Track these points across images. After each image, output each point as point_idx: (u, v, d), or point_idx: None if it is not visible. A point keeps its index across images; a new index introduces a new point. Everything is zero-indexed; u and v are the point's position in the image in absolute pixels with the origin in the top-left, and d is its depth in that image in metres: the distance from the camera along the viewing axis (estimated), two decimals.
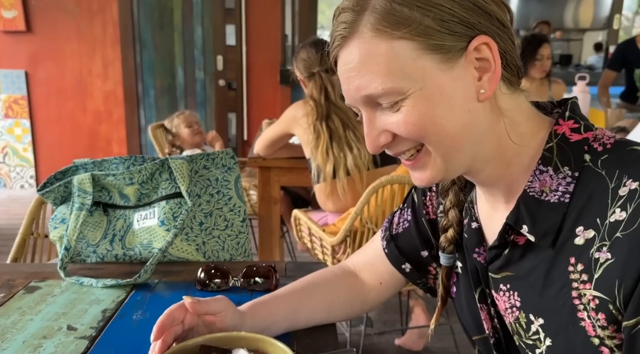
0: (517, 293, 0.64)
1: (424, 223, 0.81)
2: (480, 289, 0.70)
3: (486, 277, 0.68)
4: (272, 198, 2.33)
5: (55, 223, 1.13)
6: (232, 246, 1.15)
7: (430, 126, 0.58)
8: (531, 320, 0.62)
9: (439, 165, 0.61)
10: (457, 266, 0.75)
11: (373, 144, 0.63)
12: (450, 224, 0.73)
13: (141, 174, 1.09)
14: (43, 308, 0.90)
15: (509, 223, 0.62)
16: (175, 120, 2.96)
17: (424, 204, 0.82)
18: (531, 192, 0.61)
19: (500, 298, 0.66)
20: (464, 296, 0.75)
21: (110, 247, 1.10)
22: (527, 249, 0.62)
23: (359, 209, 1.72)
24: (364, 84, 0.59)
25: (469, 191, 0.74)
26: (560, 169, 0.59)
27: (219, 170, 1.15)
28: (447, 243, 0.73)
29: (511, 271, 0.64)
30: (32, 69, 4.48)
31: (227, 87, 4.95)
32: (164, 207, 1.09)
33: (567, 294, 0.57)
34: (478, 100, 0.59)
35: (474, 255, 0.70)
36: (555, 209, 0.58)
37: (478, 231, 0.70)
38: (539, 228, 0.59)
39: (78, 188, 1.10)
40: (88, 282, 0.99)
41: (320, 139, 1.97)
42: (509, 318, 0.66)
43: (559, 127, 0.61)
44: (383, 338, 2.30)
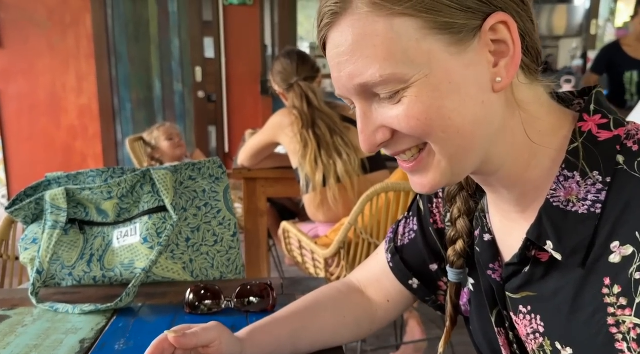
0: (539, 317, 0.56)
1: (432, 233, 0.73)
2: (497, 311, 0.62)
3: (503, 297, 0.60)
4: (258, 210, 2.24)
5: (26, 244, 1.02)
6: (223, 263, 1.06)
7: (438, 120, 0.50)
8: (557, 349, 0.54)
9: (444, 168, 0.53)
10: (469, 283, 0.67)
11: (368, 142, 0.54)
12: (459, 235, 0.65)
13: (120, 187, 1.00)
14: (12, 340, 0.80)
15: (530, 239, 0.54)
16: (155, 132, 2.86)
17: (430, 212, 0.74)
18: (555, 202, 0.52)
19: (520, 321, 0.58)
20: (477, 317, 0.66)
21: (88, 268, 1.00)
22: (552, 267, 0.54)
23: (352, 219, 1.64)
24: (358, 71, 0.50)
25: (480, 198, 0.65)
26: (588, 174, 0.51)
27: (206, 181, 1.07)
28: (456, 257, 0.65)
29: (532, 291, 0.56)
30: (3, 85, 4.32)
31: (207, 99, 4.85)
32: (147, 223, 1.00)
33: (602, 321, 0.49)
34: (493, 90, 0.51)
35: (488, 272, 0.61)
36: (584, 221, 0.50)
37: (492, 244, 0.62)
38: (566, 244, 0.51)
39: (51, 204, 1.00)
40: (63, 308, 0.89)
41: (308, 148, 1.90)
42: (531, 345, 0.57)
43: (584, 124, 0.53)
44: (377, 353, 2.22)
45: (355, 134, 1.99)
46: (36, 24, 4.24)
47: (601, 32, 7.45)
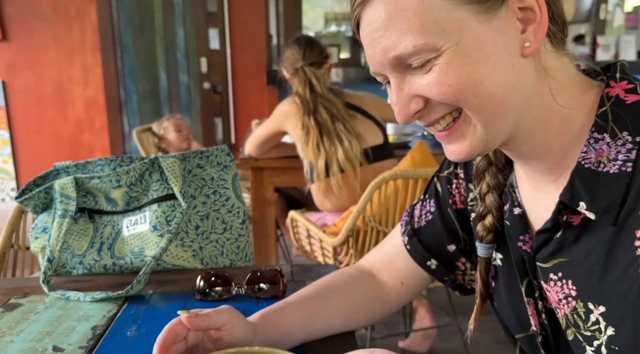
0: (571, 281, 0.57)
1: (450, 214, 0.74)
2: (527, 281, 0.63)
3: (533, 267, 0.61)
4: (266, 200, 2.24)
5: (37, 233, 1.03)
6: (232, 251, 1.06)
7: (469, 85, 0.51)
8: (590, 309, 0.55)
9: (480, 133, 0.54)
10: (496, 258, 0.68)
11: (403, 113, 0.55)
12: (488, 210, 0.66)
13: (129, 176, 0.99)
14: (25, 327, 0.81)
15: (563, 201, 0.55)
16: (164, 122, 2.88)
17: (449, 193, 0.74)
18: (586, 164, 0.54)
19: (551, 289, 0.59)
20: (506, 291, 0.67)
21: (98, 257, 1.00)
22: (584, 230, 0.55)
23: (361, 207, 1.63)
24: (392, 44, 0.52)
25: (509, 173, 0.66)
26: (618, 134, 0.53)
27: (214, 168, 1.06)
28: (486, 232, 0.66)
29: (564, 257, 0.57)
30: (9, 79, 4.33)
31: (212, 90, 4.85)
32: (156, 211, 1.00)
33: (635, 273, 0.50)
34: (522, 55, 0.53)
35: (518, 243, 0.62)
36: (616, 180, 0.52)
37: (522, 217, 0.63)
38: (599, 204, 0.52)
39: (60, 193, 1.00)
40: (75, 296, 0.89)
41: (310, 135, 1.89)
42: (563, 310, 0.58)
43: (611, 90, 0.55)
44: (387, 341, 2.22)
45: (360, 123, 1.99)
46: (41, 17, 4.24)
47: (610, 17, 7.35)
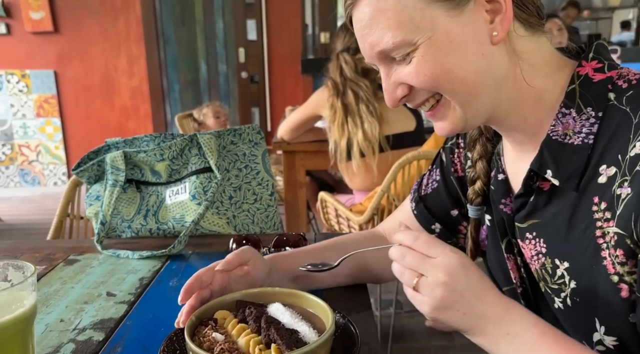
0: (542, 240, 0.63)
1: (453, 181, 0.81)
2: (507, 240, 0.70)
3: (512, 227, 0.68)
4: (297, 182, 2.34)
5: (90, 200, 1.16)
6: (262, 220, 1.17)
7: (442, 74, 0.58)
8: (557, 265, 0.62)
9: (459, 114, 0.61)
10: (486, 219, 0.75)
11: (391, 98, 0.63)
12: (477, 175, 0.73)
13: (171, 150, 1.11)
14: (83, 277, 0.94)
15: (533, 169, 0.61)
16: (204, 109, 3.03)
17: (452, 162, 0.82)
18: (554, 136, 0.60)
19: (526, 246, 0.66)
20: (493, 248, 0.75)
21: (144, 222, 1.13)
22: (552, 195, 0.62)
23: (385, 186, 1.71)
24: (376, 40, 0.60)
25: (497, 143, 0.73)
26: (583, 110, 0.58)
27: (246, 145, 1.17)
28: (475, 195, 0.74)
29: (537, 219, 0.64)
30: (60, 69, 4.60)
31: (250, 80, 4.98)
32: (195, 182, 1.11)
33: (591, 235, 0.57)
34: (492, 43, 0.58)
35: (500, 206, 0.69)
36: (579, 151, 0.58)
37: (504, 182, 0.70)
38: (563, 172, 0.58)
39: (111, 165, 1.13)
40: (124, 254, 1.02)
41: (336, 114, 1.99)
42: (534, 265, 0.66)
43: (582, 69, 0.60)
44: (413, 320, 2.30)
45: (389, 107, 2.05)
46: (89, 10, 4.47)
47: None
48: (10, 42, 4.51)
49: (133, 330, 0.75)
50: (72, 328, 0.75)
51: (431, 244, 0.56)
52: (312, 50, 4.96)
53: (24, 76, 4.62)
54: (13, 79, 4.63)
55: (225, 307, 0.67)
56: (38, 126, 4.76)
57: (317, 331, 0.60)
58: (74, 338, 0.72)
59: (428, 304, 0.55)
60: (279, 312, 0.63)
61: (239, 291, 0.69)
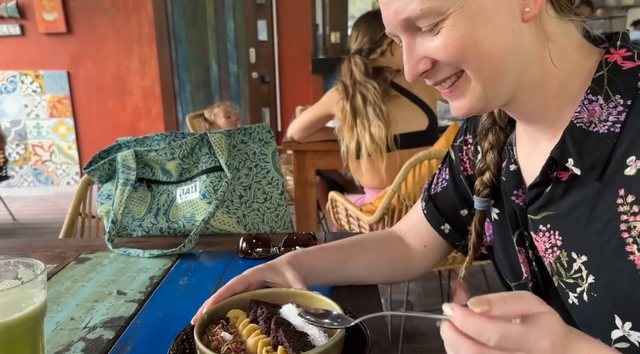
0: (558, 232, 0.61)
1: (462, 180, 0.80)
2: (519, 233, 0.68)
3: (525, 219, 0.66)
4: (307, 182, 2.34)
5: (102, 199, 1.17)
6: (272, 219, 1.17)
7: (471, 47, 0.55)
8: (573, 258, 0.59)
9: (479, 92, 0.59)
10: (493, 213, 0.74)
11: (412, 72, 0.60)
12: (487, 166, 0.71)
13: (182, 149, 1.11)
14: (94, 275, 0.94)
15: (553, 157, 0.59)
16: (215, 109, 3.04)
17: (460, 160, 0.80)
18: (579, 123, 0.57)
19: (539, 238, 0.64)
20: (501, 243, 0.73)
21: (155, 221, 1.13)
22: (571, 185, 0.59)
23: (396, 186, 1.70)
24: (402, 7, 0.56)
25: (509, 133, 0.71)
26: (611, 97, 0.56)
27: (257, 144, 1.17)
28: (483, 186, 0.72)
29: (552, 210, 0.62)
30: (73, 69, 4.64)
31: (260, 80, 4.99)
32: (205, 181, 1.11)
33: (615, 228, 0.54)
34: (522, 20, 0.56)
35: (512, 198, 0.67)
36: (604, 140, 0.55)
37: (516, 173, 0.68)
38: (586, 160, 0.56)
39: (122, 164, 1.13)
40: (135, 253, 1.02)
41: (346, 118, 2.00)
42: (549, 258, 0.63)
43: (610, 56, 0.58)
44: (424, 321, 2.27)
45: (403, 106, 2.05)
46: (102, 11, 4.51)
47: None
48: (24, 43, 4.56)
49: (143, 329, 0.75)
50: (83, 326, 0.75)
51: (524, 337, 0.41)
52: (323, 50, 4.96)
53: (38, 77, 4.67)
54: (27, 79, 4.68)
55: (238, 306, 0.67)
56: (51, 126, 4.81)
57: (327, 334, 0.59)
58: (84, 336, 0.72)
59: None
60: (291, 313, 0.63)
61: (251, 292, 0.69)
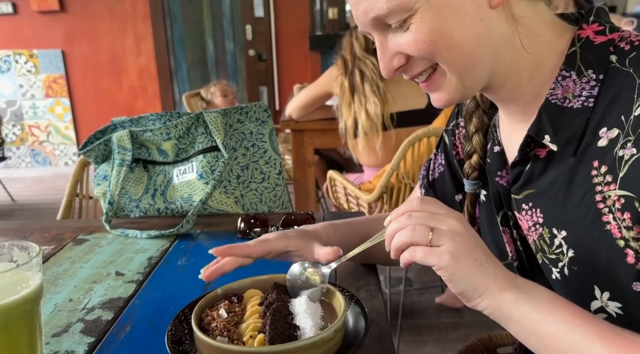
0: (539, 210, 0.62)
1: (456, 164, 0.79)
2: (503, 213, 0.68)
3: (508, 199, 0.66)
4: (306, 161, 2.33)
5: (98, 180, 1.16)
6: (270, 199, 1.16)
7: (441, 40, 0.55)
8: (554, 234, 0.60)
9: (455, 83, 0.59)
10: (481, 194, 0.74)
11: (387, 68, 0.60)
12: (474, 149, 0.71)
13: (177, 129, 1.10)
14: (92, 257, 0.94)
15: (530, 135, 0.59)
16: (212, 88, 3.01)
17: (453, 144, 0.80)
18: (553, 99, 0.58)
19: (522, 217, 0.64)
20: (487, 223, 0.73)
21: (152, 201, 1.13)
22: (549, 162, 0.60)
23: (394, 164, 1.69)
24: (369, 6, 0.56)
25: (493, 115, 0.71)
26: (584, 72, 0.56)
27: (253, 123, 1.15)
28: (471, 169, 0.72)
29: (533, 188, 0.62)
30: (68, 48, 4.58)
31: (257, 58, 4.94)
32: (202, 161, 1.10)
33: (591, 200, 0.55)
34: (490, 6, 0.55)
35: (496, 179, 0.68)
36: (578, 115, 0.56)
37: (500, 154, 0.68)
38: (561, 136, 0.56)
39: (117, 145, 1.12)
40: (133, 233, 1.02)
41: (344, 94, 1.97)
42: (532, 236, 0.64)
43: (582, 32, 0.58)
44: (423, 297, 2.30)
45: (402, 84, 2.02)
46: None
47: None
48: (17, 22, 4.49)
49: (142, 309, 0.75)
50: (81, 308, 0.75)
51: (437, 204, 0.54)
52: (320, 27, 4.88)
53: (32, 56, 4.61)
54: (21, 59, 4.63)
55: (260, 287, 0.67)
56: (47, 106, 4.77)
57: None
58: (82, 318, 0.72)
59: (449, 252, 0.51)
60: (299, 305, 0.62)
61: (272, 275, 0.68)
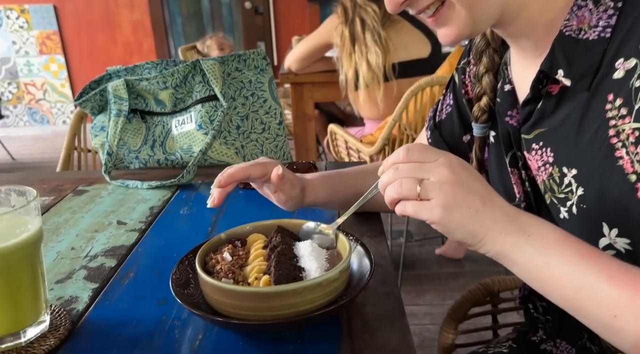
0: (550, 149, 0.60)
1: (464, 104, 0.77)
2: (512, 154, 0.67)
3: (518, 139, 0.65)
4: (306, 115, 2.30)
5: (96, 131, 1.14)
6: (271, 149, 1.14)
7: None
8: (564, 173, 0.58)
9: (465, 17, 0.56)
10: (491, 136, 0.72)
11: (392, 2, 0.58)
12: (483, 91, 0.69)
13: (174, 77, 1.07)
14: (92, 207, 0.93)
15: (543, 70, 0.57)
16: (208, 41, 2.94)
17: (463, 83, 0.77)
18: (567, 31, 0.55)
19: (532, 157, 0.63)
20: (495, 164, 0.71)
21: (152, 152, 1.11)
22: (562, 99, 0.57)
23: (397, 115, 1.66)
24: None
25: (504, 53, 0.68)
26: (601, 0, 0.53)
27: (252, 72, 1.12)
28: (481, 112, 0.70)
29: (544, 127, 0.60)
30: (59, 3, 4.45)
31: (254, 11, 4.80)
32: (200, 111, 1.08)
33: (604, 135, 0.53)
34: None
35: (506, 119, 0.66)
36: (594, 46, 0.53)
37: (511, 93, 0.65)
38: (575, 70, 0.54)
39: (113, 95, 1.10)
40: (133, 184, 1.01)
41: (345, 44, 1.91)
42: (541, 176, 0.62)
43: None
44: (423, 249, 2.33)
45: (404, 32, 1.96)
46: None
47: None
48: None
49: (145, 256, 0.75)
50: (84, 255, 0.75)
51: (425, 151, 0.51)
52: None
53: (23, 11, 4.48)
54: (12, 14, 4.50)
55: (263, 232, 0.67)
56: (42, 64, 4.68)
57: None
58: (85, 265, 0.72)
59: (439, 205, 0.48)
60: (304, 248, 0.61)
61: (275, 219, 0.68)
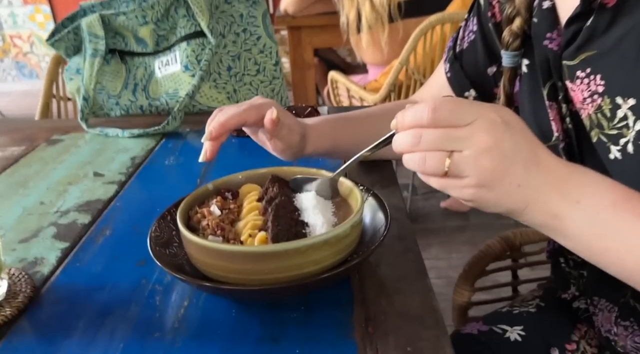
0: (599, 76, 0.50)
1: (490, 29, 0.66)
2: (551, 84, 0.56)
3: (559, 67, 0.54)
4: (305, 63, 2.16)
5: (71, 74, 1.02)
6: (267, 94, 1.03)
7: None
8: (618, 104, 0.48)
9: None
10: (523, 65, 0.61)
11: None
12: (516, 11, 0.58)
13: (154, 11, 0.94)
14: (67, 157, 0.83)
15: None
16: None
17: (489, 4, 0.66)
18: None
19: (576, 88, 0.53)
20: (529, 99, 0.61)
21: (134, 97, 1.00)
22: (619, 12, 0.47)
23: (404, 58, 1.53)
24: None
25: None
26: None
27: (243, 4, 0.99)
28: (513, 37, 0.59)
29: (593, 49, 0.50)
30: None
31: None
32: (186, 50, 0.96)
33: None
34: None
35: (544, 42, 0.55)
36: None
37: (551, 10, 0.55)
38: None
39: (88, 33, 0.97)
40: (113, 132, 0.91)
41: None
42: (587, 110, 0.52)
43: None
44: (428, 203, 2.25)
45: None
46: None
47: None
48: None
49: (124, 211, 0.66)
50: (54, 211, 0.66)
51: (457, 109, 0.38)
52: None
53: None
54: None
55: (257, 182, 0.57)
56: (27, 14, 4.45)
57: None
58: (55, 221, 0.63)
59: (473, 186, 0.38)
60: (307, 200, 0.51)
61: (271, 167, 0.58)
